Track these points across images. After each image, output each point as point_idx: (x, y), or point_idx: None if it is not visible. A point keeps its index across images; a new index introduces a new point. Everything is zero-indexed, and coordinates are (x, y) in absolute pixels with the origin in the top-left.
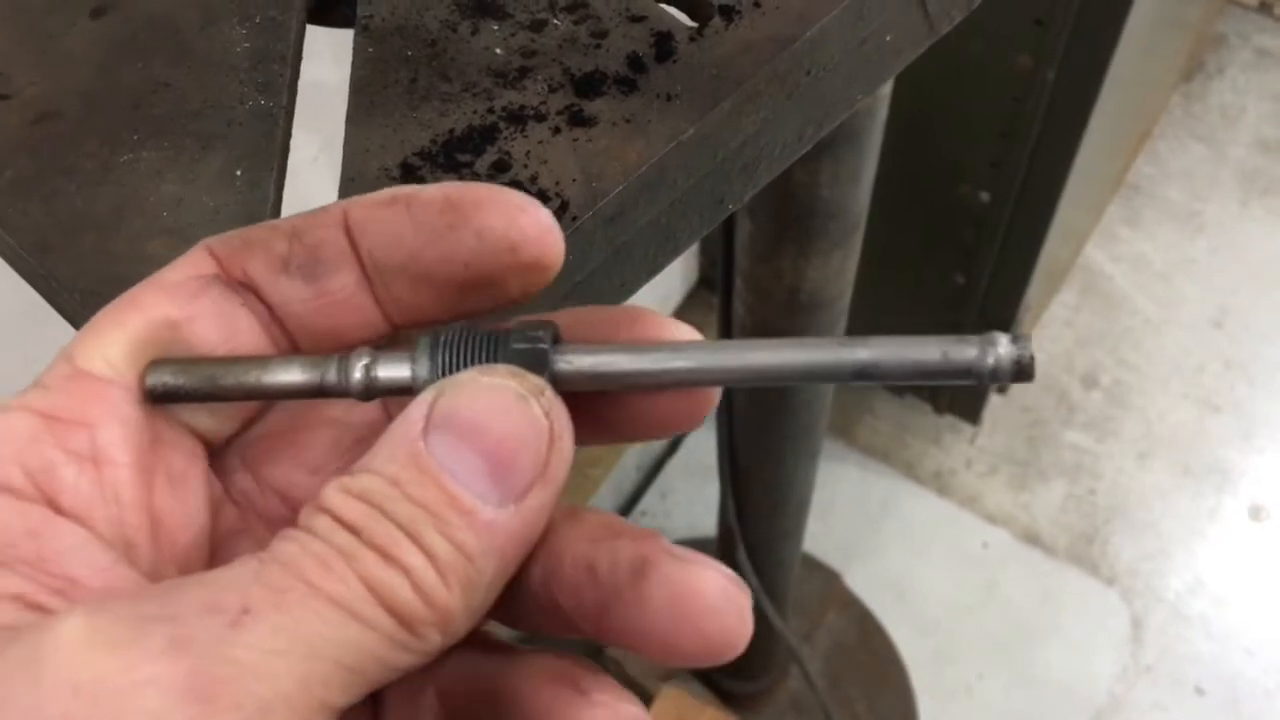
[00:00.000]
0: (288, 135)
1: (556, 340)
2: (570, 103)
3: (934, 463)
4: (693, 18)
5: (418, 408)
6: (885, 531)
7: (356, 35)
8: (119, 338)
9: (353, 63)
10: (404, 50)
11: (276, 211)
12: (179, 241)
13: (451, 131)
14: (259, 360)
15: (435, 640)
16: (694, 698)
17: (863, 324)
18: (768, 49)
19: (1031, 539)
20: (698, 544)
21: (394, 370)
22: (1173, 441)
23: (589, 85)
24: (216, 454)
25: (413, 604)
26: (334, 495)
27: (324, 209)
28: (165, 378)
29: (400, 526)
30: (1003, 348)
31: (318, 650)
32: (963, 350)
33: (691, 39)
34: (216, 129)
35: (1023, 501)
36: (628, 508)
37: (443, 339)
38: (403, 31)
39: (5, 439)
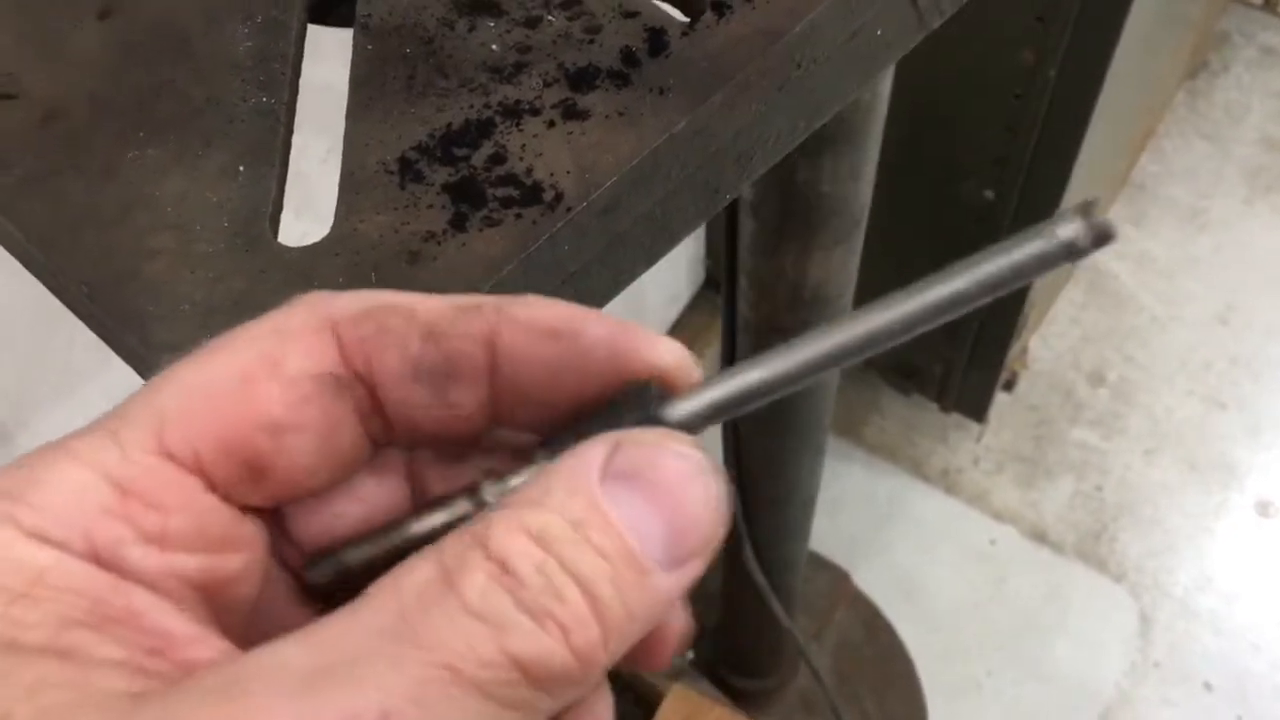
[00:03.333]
0: (289, 132)
1: (659, 395)
2: (565, 97)
3: (941, 461)
4: (685, 13)
5: (593, 451)
6: (893, 530)
7: (355, 33)
8: (215, 431)
9: (352, 60)
10: (402, 48)
11: (278, 208)
12: (183, 236)
13: (449, 126)
14: (400, 524)
15: (568, 698)
16: (703, 696)
17: None
18: (758, 42)
19: (1039, 536)
20: None
21: (521, 479)
22: (1179, 438)
23: (583, 79)
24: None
25: (560, 663)
26: (506, 535)
27: (467, 309)
28: (328, 571)
29: (576, 578)
30: (1079, 225)
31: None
32: (1055, 233)
33: (684, 34)
34: (219, 126)
35: (1030, 499)
36: None
37: (567, 438)
38: (401, 30)
39: (75, 502)
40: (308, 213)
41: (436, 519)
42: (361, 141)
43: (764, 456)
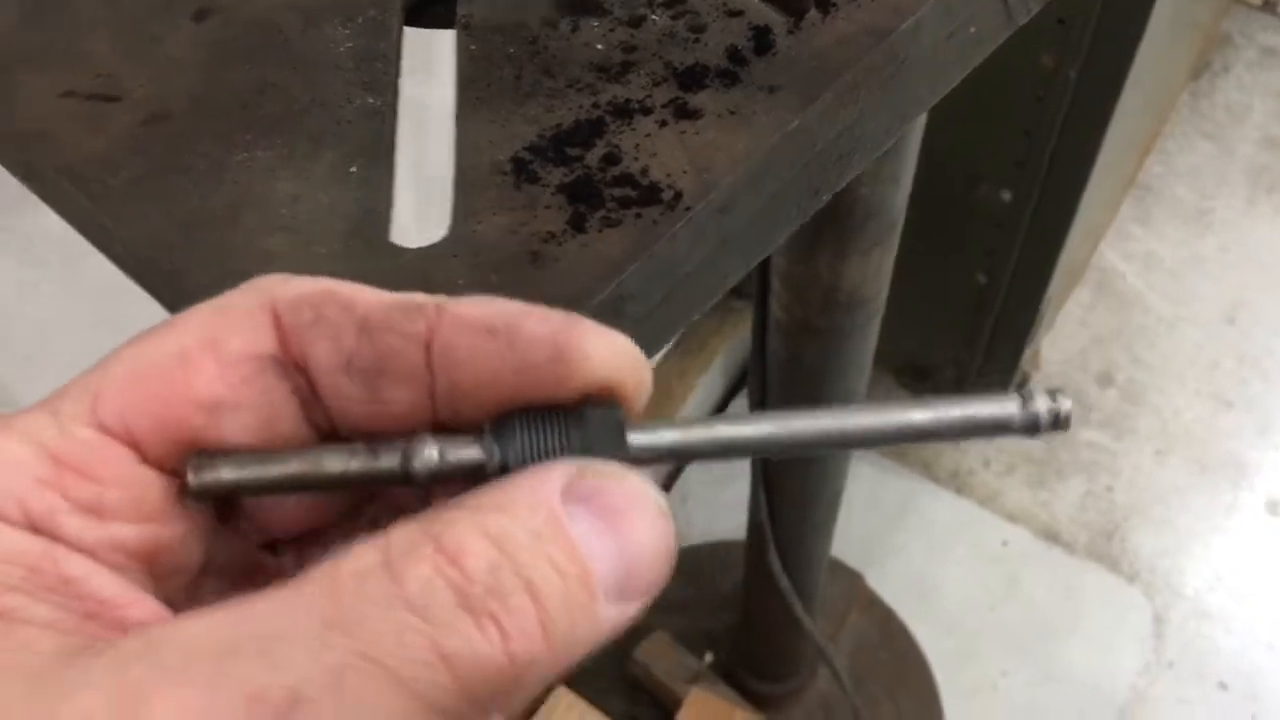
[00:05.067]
0: (394, 132)
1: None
2: (675, 96)
3: (951, 462)
4: (789, 11)
5: (553, 471)
6: (905, 531)
7: (458, 33)
8: (148, 406)
9: (456, 60)
10: (506, 47)
11: (387, 209)
12: (297, 238)
13: (559, 126)
14: (312, 452)
15: (495, 712)
16: (722, 700)
17: (885, 325)
18: (865, 40)
19: (1051, 537)
20: (724, 547)
21: (465, 454)
22: (1188, 438)
23: (692, 78)
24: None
25: (496, 672)
26: (463, 531)
27: (408, 307)
28: (212, 476)
29: (527, 586)
30: (1042, 403)
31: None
32: (1005, 407)
33: (790, 32)
34: (326, 127)
35: (1041, 499)
36: None
37: (517, 422)
38: (503, 29)
39: (9, 474)
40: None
41: (349, 464)
42: (472, 142)
43: (790, 458)
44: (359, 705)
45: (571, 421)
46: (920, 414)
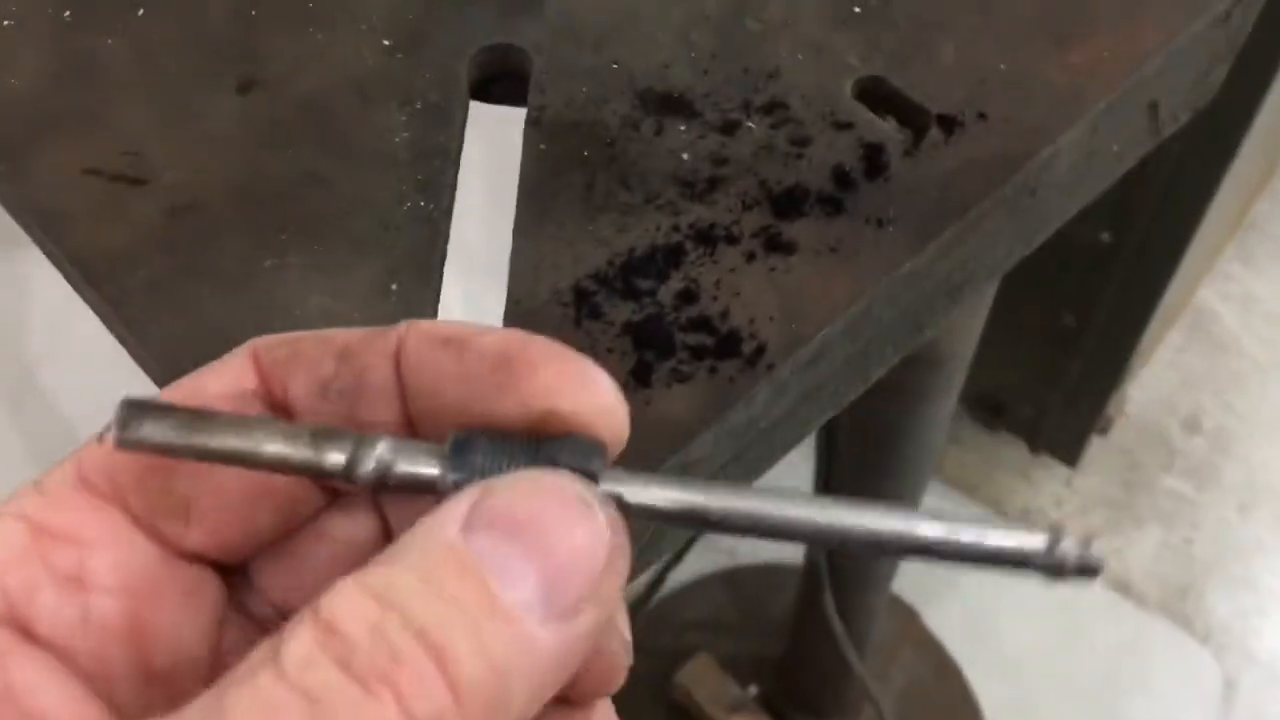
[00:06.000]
0: (446, 242)
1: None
2: (767, 223)
3: (1022, 500)
4: (908, 128)
5: (456, 503)
6: (966, 569)
7: (526, 130)
8: (132, 459)
9: (521, 161)
10: (580, 149)
11: None
12: None
13: (632, 250)
14: (255, 422)
15: None
16: None
17: None
18: (995, 169)
19: (1122, 587)
20: (774, 570)
21: (418, 465)
22: (1276, 494)
23: (789, 203)
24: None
25: None
26: (342, 594)
27: (383, 331)
28: (136, 432)
29: (419, 634)
30: (1071, 547)
31: None
32: (1029, 542)
33: (906, 152)
34: (371, 232)
35: (1115, 547)
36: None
37: (480, 441)
38: (579, 128)
39: None
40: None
41: (290, 448)
42: (531, 263)
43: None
44: None
45: (543, 450)
46: (931, 528)
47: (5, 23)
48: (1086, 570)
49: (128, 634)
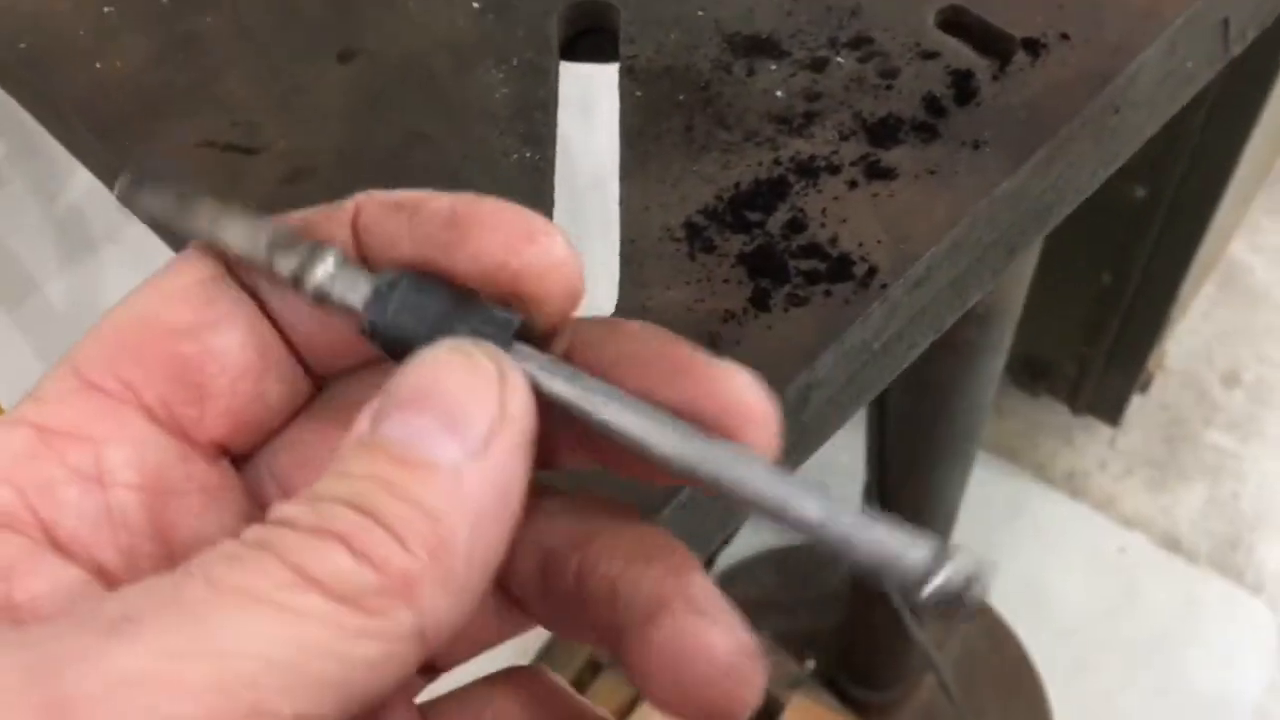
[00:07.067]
0: (553, 192)
1: (521, 336)
2: (865, 152)
3: (1066, 463)
4: (991, 54)
5: (362, 415)
6: (1016, 534)
7: (621, 78)
8: (134, 351)
9: (620, 109)
10: (675, 94)
11: None
12: None
13: (737, 186)
14: (232, 215)
15: (404, 618)
16: (823, 707)
17: None
18: (1083, 87)
19: (1171, 544)
20: None
21: (348, 293)
22: None
23: (884, 132)
24: (244, 467)
25: (355, 575)
26: (275, 506)
27: (339, 203)
28: (136, 196)
29: (343, 503)
30: (950, 575)
31: (233, 649)
32: (904, 553)
33: (994, 77)
34: (482, 185)
35: (1162, 504)
36: None
37: (404, 283)
38: (672, 73)
39: None
40: None
41: (249, 243)
42: (640, 204)
43: (908, 466)
44: (201, 616)
45: (462, 304)
46: (814, 507)
47: (106, 9)
48: (956, 605)
49: (153, 533)
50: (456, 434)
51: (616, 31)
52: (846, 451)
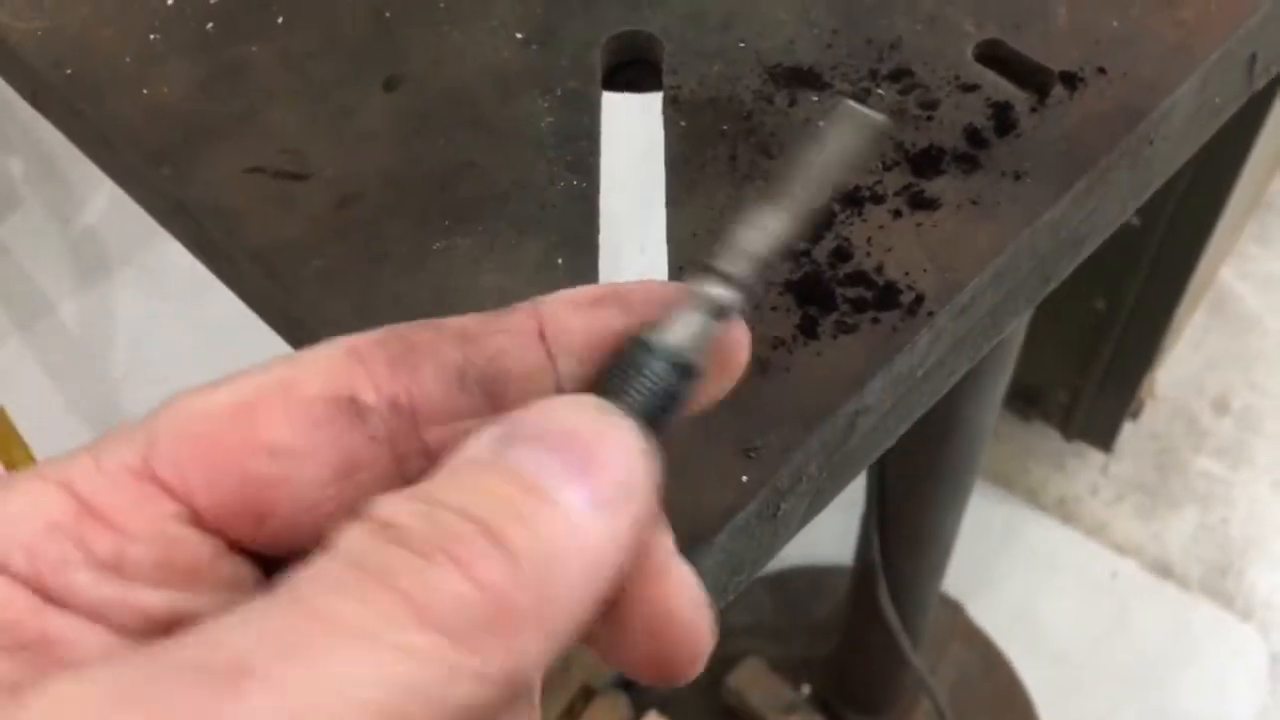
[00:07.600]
0: (598, 217)
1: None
2: (908, 182)
3: (1058, 489)
4: (1030, 87)
5: (483, 434)
6: (1008, 560)
7: (665, 108)
8: (211, 456)
9: (664, 138)
10: (718, 124)
11: None
12: None
13: None
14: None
15: (502, 660)
16: None
17: None
18: (1120, 120)
19: (1163, 570)
20: (820, 572)
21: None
22: None
23: (927, 162)
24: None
25: (463, 605)
26: (388, 499)
27: (499, 312)
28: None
29: (459, 512)
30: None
31: (350, 696)
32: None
33: (1033, 110)
34: (530, 212)
35: (1153, 530)
36: None
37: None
38: (715, 104)
39: (20, 515)
40: None
41: None
42: (688, 231)
43: (909, 496)
44: (316, 663)
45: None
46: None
47: (151, 36)
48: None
49: (170, 623)
50: (588, 483)
51: (658, 63)
52: None
